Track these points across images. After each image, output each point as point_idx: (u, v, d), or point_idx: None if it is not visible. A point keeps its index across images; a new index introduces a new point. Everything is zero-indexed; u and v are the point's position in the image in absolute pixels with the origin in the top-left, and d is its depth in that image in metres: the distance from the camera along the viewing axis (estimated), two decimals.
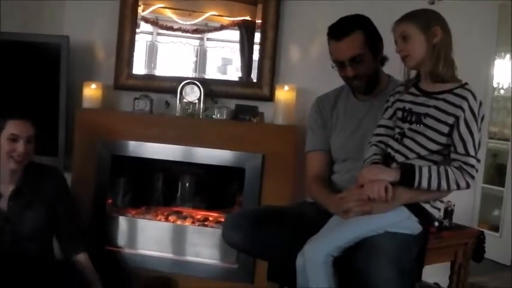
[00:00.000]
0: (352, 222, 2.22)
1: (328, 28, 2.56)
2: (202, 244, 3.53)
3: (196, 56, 3.89)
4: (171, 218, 3.66)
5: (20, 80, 3.72)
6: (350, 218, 2.23)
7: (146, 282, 3.52)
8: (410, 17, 2.23)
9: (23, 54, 3.73)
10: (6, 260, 2.72)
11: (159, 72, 3.90)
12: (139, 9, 3.81)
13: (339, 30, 2.53)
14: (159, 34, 3.92)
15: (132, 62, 3.79)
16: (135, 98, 3.63)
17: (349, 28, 2.51)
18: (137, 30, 3.80)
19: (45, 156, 3.41)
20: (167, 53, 3.96)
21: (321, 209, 2.49)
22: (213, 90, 3.64)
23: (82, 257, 2.95)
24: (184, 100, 3.56)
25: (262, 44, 3.63)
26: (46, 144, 3.57)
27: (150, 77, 3.83)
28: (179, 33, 3.85)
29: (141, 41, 3.86)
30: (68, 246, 2.97)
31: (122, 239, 3.63)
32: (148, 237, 3.60)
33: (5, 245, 2.78)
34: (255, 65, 3.68)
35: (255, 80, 3.67)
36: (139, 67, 3.85)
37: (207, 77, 3.80)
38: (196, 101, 3.55)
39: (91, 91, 3.66)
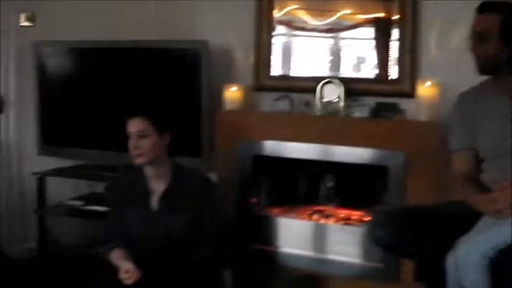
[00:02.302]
0: (509, 223, 2.14)
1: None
2: (346, 243, 3.51)
3: (331, 55, 3.88)
4: (314, 216, 3.67)
5: (163, 86, 3.88)
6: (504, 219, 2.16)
7: (292, 280, 3.56)
8: None
9: (164, 61, 3.87)
10: (152, 261, 2.79)
11: (294, 73, 3.92)
12: (274, 11, 3.84)
13: (484, 5, 2.54)
14: (293, 35, 3.96)
15: (270, 63, 3.84)
16: (275, 99, 3.68)
17: (492, 7, 2.51)
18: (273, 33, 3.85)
19: (189, 157, 3.54)
20: (302, 54, 3.97)
21: (467, 208, 2.42)
22: (351, 88, 3.61)
23: None
24: (324, 99, 3.56)
25: (401, 38, 3.55)
26: (190, 146, 3.73)
27: (288, 78, 3.87)
28: (313, 33, 3.86)
29: (276, 43, 3.89)
30: (209, 251, 2.95)
31: (266, 237, 3.68)
32: (292, 235, 3.64)
33: (154, 245, 2.85)
34: (392, 62, 3.62)
35: (394, 77, 3.60)
36: (276, 68, 3.89)
37: (342, 75, 3.78)
38: (336, 100, 3.54)
39: (231, 93, 3.75)
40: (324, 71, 3.86)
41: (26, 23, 4.34)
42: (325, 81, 3.58)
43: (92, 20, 4.28)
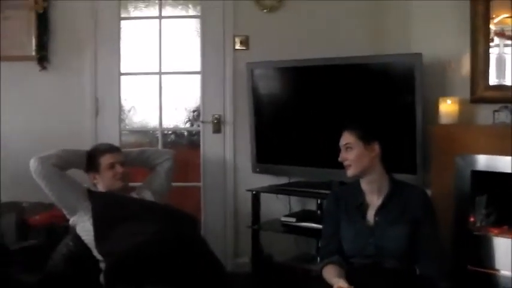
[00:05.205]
0: None
1: None
2: None
3: None
4: None
5: (375, 101, 3.85)
6: None
7: None
8: None
9: (377, 75, 3.87)
10: (366, 274, 2.77)
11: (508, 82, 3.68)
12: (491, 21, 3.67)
13: None
14: (506, 45, 3.70)
15: (488, 73, 3.66)
16: (495, 111, 3.49)
17: None
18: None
19: (403, 173, 3.45)
20: None
21: None
22: None
23: None
24: None
25: None
26: (404, 162, 3.66)
27: (508, 88, 3.63)
28: None
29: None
30: (425, 269, 2.87)
31: (484, 259, 3.47)
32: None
33: (369, 259, 2.84)
34: None
35: None
36: (492, 79, 3.69)
37: None
38: None
39: (446, 106, 3.64)
40: None
41: (240, 47, 4.52)
42: None
43: (300, 40, 4.40)
